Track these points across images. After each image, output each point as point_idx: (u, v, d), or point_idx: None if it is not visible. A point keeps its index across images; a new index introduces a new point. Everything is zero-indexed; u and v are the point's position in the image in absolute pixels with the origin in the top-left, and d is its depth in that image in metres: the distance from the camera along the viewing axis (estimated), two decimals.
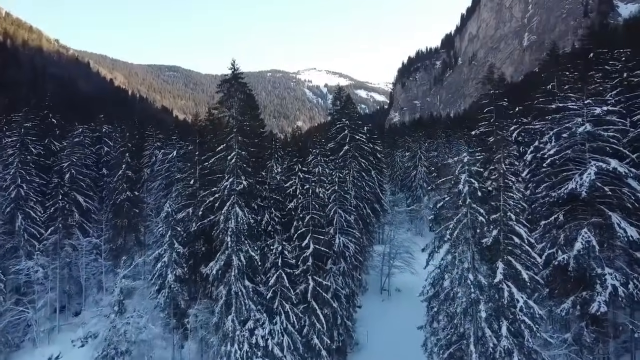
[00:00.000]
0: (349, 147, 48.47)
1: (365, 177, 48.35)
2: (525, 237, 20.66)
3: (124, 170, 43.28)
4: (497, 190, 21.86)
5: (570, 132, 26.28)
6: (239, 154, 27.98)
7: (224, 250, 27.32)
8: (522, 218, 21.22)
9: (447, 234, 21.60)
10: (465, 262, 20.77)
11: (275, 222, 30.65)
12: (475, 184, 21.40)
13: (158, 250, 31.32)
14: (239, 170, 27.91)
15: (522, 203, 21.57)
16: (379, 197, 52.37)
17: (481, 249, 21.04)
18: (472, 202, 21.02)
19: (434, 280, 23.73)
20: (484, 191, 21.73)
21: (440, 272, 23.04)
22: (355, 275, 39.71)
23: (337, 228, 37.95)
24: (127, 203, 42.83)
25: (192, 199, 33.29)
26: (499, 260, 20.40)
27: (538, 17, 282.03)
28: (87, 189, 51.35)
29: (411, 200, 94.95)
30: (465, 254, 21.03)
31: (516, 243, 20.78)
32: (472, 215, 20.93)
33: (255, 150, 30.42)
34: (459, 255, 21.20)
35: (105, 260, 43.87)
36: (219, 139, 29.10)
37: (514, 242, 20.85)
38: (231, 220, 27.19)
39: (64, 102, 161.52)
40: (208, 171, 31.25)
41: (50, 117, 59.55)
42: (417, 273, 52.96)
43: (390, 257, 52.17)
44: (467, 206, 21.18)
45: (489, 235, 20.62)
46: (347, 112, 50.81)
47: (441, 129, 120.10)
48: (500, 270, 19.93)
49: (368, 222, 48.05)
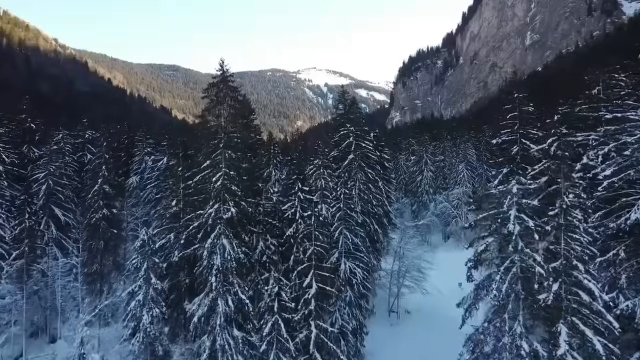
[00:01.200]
0: (354, 156, 43.59)
1: (372, 190, 43.45)
2: (598, 294, 15.75)
3: (100, 185, 37.99)
4: (557, 230, 16.91)
5: (633, 149, 21.37)
6: (226, 174, 23.11)
7: (208, 293, 22.51)
8: (593, 268, 16.36)
9: (493, 288, 16.66)
10: (516, 325, 15.91)
11: (272, 252, 25.81)
12: (530, 222, 16.47)
13: (132, 286, 26.32)
14: (226, 194, 23.05)
15: (591, 248, 16.64)
16: (387, 211, 47.50)
17: (537, 307, 16.16)
18: (524, 247, 16.17)
19: (473, 344, 18.74)
20: (541, 232, 16.78)
21: (481, 334, 18.06)
22: (364, 305, 34.89)
23: (343, 251, 33.22)
24: (103, 222, 37.72)
25: (175, 222, 28.43)
26: (560, 323, 15.56)
27: (541, 16, 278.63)
28: (67, 201, 46.56)
29: (417, 206, 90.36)
30: (515, 314, 16.16)
31: (584, 301, 15.87)
32: (525, 263, 16.10)
33: (247, 167, 25.52)
34: (507, 315, 16.32)
35: (81, 284, 38.98)
36: (205, 153, 24.23)
37: (580, 299, 15.95)
38: (216, 255, 22.36)
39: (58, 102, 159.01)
40: (193, 190, 26.34)
41: (29, 122, 54.72)
42: (429, 293, 48.28)
43: (400, 275, 47.39)
44: (518, 252, 16.31)
45: (547, 290, 15.76)
46: (352, 117, 45.91)
47: (447, 130, 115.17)
48: (563, 337, 15.12)
49: (375, 239, 43.24)
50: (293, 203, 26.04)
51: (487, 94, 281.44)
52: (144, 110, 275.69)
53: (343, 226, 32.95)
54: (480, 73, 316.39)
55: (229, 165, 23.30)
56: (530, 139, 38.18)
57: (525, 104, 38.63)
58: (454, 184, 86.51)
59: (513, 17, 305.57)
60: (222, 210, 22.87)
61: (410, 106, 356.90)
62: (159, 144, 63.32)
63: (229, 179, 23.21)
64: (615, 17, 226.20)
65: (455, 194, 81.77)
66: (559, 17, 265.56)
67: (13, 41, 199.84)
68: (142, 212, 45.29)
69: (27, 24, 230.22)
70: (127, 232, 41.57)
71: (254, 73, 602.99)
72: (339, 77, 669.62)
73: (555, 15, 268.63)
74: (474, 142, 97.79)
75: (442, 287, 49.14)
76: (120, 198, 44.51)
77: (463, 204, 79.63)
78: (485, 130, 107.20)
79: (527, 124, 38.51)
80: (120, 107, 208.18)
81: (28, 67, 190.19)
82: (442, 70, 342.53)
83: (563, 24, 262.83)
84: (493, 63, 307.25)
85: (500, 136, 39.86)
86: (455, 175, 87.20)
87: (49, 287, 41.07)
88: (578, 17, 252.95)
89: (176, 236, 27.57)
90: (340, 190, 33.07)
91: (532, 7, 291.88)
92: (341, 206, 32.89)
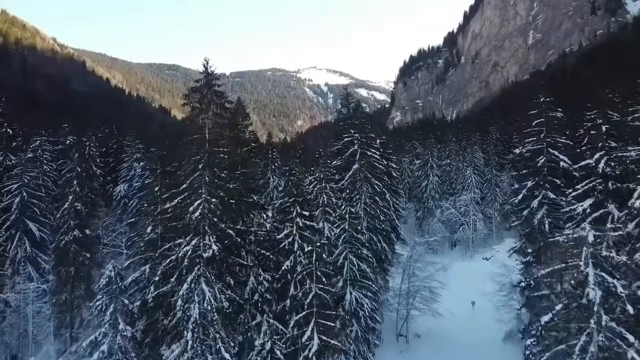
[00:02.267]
0: (359, 166, 39.44)
1: (379, 203, 39.29)
2: None
3: (71, 202, 33.62)
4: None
5: None
6: (207, 201, 18.91)
7: (183, 352, 18.31)
8: None
9: None
10: None
11: (265, 289, 21.68)
12: (616, 284, 11.91)
13: (95, 333, 21.87)
14: (207, 227, 18.87)
15: None
16: (395, 225, 43.35)
17: None
18: (608, 319, 11.82)
19: None
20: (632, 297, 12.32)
21: None
22: (372, 340, 30.69)
23: (348, 279, 29.11)
24: (74, 246, 33.36)
25: (150, 251, 24.22)
26: None
27: (544, 15, 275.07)
28: (44, 215, 42.50)
29: (421, 212, 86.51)
30: None
31: None
32: (610, 342, 11.77)
33: (236, 187, 21.27)
34: None
35: (52, 313, 34.72)
36: (185, 172, 20.02)
37: None
38: (194, 304, 18.20)
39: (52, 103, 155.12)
40: (171, 215, 22.09)
41: (6, 127, 50.52)
42: (441, 316, 44.19)
43: (409, 296, 43.13)
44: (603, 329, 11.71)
45: None
46: (357, 122, 41.76)
47: (452, 132, 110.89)
48: None
49: (383, 258, 39.13)
50: (291, 231, 21.87)
51: (489, 93, 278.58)
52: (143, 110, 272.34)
53: (348, 250, 28.85)
54: (481, 72, 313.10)
55: (211, 191, 19.09)
56: (559, 149, 34.09)
57: (552, 109, 34.46)
58: (461, 190, 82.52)
59: (515, 16, 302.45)
60: (201, 247, 18.71)
61: (411, 106, 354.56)
62: (148, 150, 59.26)
63: (211, 208, 18.99)
64: (619, 16, 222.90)
65: (463, 200, 77.82)
66: (562, 16, 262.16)
67: (9, 40, 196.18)
68: (126, 226, 40.96)
69: (25, 23, 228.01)
70: (103, 255, 37.13)
71: (254, 72, 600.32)
72: (339, 76, 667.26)
73: (558, 14, 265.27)
74: (481, 145, 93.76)
75: (454, 305, 45.12)
76: (102, 210, 39.93)
77: (471, 211, 75.72)
78: (492, 132, 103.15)
79: (555, 132, 34.43)
80: (118, 107, 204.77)
81: (23, 66, 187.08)
82: (443, 70, 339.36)
83: (566, 23, 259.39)
84: (495, 62, 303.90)
85: (524, 145, 35.73)
86: (462, 180, 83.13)
87: (20, 311, 36.99)
88: (581, 16, 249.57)
89: (153, 268, 23.30)
90: (345, 209, 28.92)
91: (535, 6, 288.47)
92: (346, 227, 28.77)
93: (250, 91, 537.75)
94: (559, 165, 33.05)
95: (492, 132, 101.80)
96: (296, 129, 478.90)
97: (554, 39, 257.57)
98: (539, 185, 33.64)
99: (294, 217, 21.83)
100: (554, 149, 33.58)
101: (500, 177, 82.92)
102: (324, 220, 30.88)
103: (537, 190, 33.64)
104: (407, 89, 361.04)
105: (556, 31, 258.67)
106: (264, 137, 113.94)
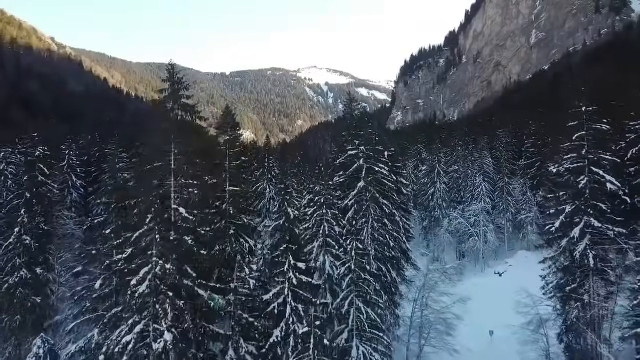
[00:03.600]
0: (365, 184, 34.17)
1: (388, 227, 34.00)
2: None
3: (17, 235, 27.55)
4: None
5: None
6: (160, 266, 13.42)
7: None
8: None
9: None
10: None
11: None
12: None
13: None
14: (158, 307, 13.54)
15: None
16: (405, 249, 38.10)
17: None
18: None
19: None
20: None
21: None
22: None
23: (355, 329, 23.95)
24: (20, 290, 27.32)
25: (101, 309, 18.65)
26: None
27: (546, 14, 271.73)
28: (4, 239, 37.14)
29: (428, 222, 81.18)
30: None
31: None
32: None
33: (208, 235, 15.94)
34: None
35: None
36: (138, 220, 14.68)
37: None
38: None
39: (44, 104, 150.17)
40: (125, 266, 16.61)
41: None
42: (458, 353, 39.04)
43: (423, 331, 37.89)
44: None
45: None
46: (363, 132, 36.35)
47: (459, 136, 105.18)
48: None
49: (393, 291, 33.94)
50: (281, 289, 16.67)
51: (491, 93, 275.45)
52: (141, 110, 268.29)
53: (355, 294, 23.66)
54: (483, 72, 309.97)
55: (165, 252, 13.67)
56: (604, 167, 28.87)
57: (595, 120, 29.15)
58: (470, 198, 77.07)
59: (518, 15, 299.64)
60: (150, 335, 13.45)
61: (412, 106, 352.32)
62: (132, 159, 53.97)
63: (167, 273, 13.63)
64: (624, 15, 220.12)
65: (473, 210, 72.51)
66: (566, 14, 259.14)
67: (4, 40, 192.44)
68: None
69: (22, 23, 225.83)
70: (59, 298, 30.69)
71: (254, 72, 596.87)
72: (339, 76, 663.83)
73: (562, 13, 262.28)
74: (490, 150, 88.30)
75: (471, 338, 39.71)
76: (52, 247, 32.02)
77: (482, 222, 70.44)
78: (502, 136, 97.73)
79: (599, 148, 29.17)
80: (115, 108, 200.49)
81: (18, 66, 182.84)
82: (445, 70, 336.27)
83: (570, 21, 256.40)
84: (497, 62, 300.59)
85: (561, 163, 30.45)
86: (472, 188, 77.70)
87: None
88: (585, 15, 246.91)
89: (102, 332, 17.78)
90: (351, 244, 23.76)
91: (538, 5, 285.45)
92: (352, 266, 23.57)
93: (250, 91, 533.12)
94: (605, 187, 27.86)
95: (501, 135, 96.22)
96: (296, 128, 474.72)
97: (557, 38, 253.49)
98: (580, 210, 28.46)
99: (286, 270, 16.57)
100: (599, 167, 28.33)
101: (512, 185, 77.58)
102: (325, 253, 25.78)
103: (577, 217, 28.47)
104: (408, 89, 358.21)
105: (559, 30, 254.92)
106: (263, 139, 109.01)
